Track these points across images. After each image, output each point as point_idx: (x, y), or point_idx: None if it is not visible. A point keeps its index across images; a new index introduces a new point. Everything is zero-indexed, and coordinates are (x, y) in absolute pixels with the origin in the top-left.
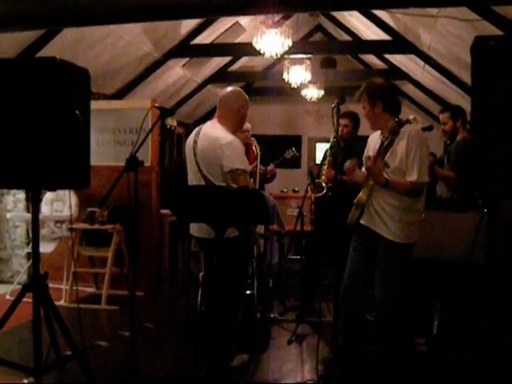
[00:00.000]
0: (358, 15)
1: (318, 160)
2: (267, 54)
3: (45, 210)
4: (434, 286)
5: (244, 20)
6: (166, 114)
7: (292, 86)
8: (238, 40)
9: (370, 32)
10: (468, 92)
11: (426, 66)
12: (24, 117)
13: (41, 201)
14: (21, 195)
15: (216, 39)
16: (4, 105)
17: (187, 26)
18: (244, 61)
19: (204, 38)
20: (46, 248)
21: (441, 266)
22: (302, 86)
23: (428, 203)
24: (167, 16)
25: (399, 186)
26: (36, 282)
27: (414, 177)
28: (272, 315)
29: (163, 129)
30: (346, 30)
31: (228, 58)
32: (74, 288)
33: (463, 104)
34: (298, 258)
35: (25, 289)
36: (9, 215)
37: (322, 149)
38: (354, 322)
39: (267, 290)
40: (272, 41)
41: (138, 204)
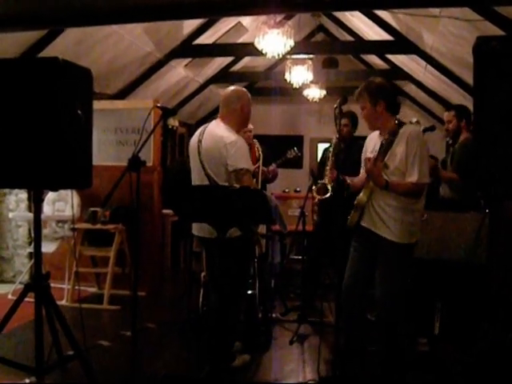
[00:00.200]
0: (360, 15)
1: None
2: (269, 54)
3: (47, 209)
4: (435, 285)
5: (246, 20)
6: (169, 114)
7: (294, 86)
8: (240, 40)
9: (371, 32)
10: (470, 92)
11: (428, 66)
12: (26, 117)
13: (43, 200)
14: (23, 195)
15: (218, 39)
16: (7, 105)
17: (189, 26)
18: (246, 61)
19: (206, 39)
20: (48, 248)
21: (442, 266)
22: (303, 86)
23: (430, 204)
24: (169, 16)
25: (399, 188)
26: (38, 282)
27: (414, 178)
28: (274, 315)
29: (165, 129)
30: (348, 31)
31: (230, 59)
32: (76, 288)
33: (465, 104)
34: (300, 258)
35: (27, 288)
36: (11, 215)
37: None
38: (354, 322)
39: (269, 290)
40: (274, 41)
41: (140, 204)
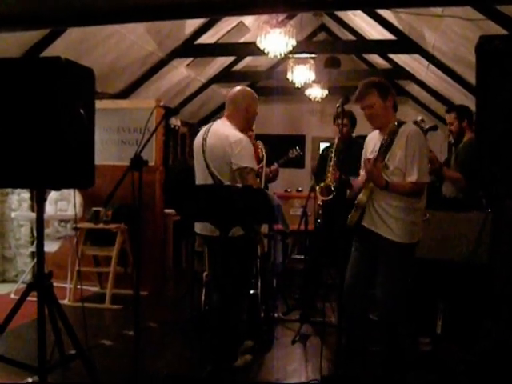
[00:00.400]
0: (362, 15)
1: None
2: (271, 54)
3: (49, 209)
4: (438, 285)
5: (248, 20)
6: (171, 113)
7: (296, 85)
8: (242, 40)
9: (374, 32)
10: (472, 92)
11: (431, 65)
12: (29, 116)
13: (45, 200)
14: (25, 194)
15: (220, 39)
16: (9, 104)
17: (191, 25)
18: (248, 60)
19: (208, 38)
20: (50, 247)
21: (445, 266)
22: (305, 86)
23: (432, 203)
24: (170, 16)
25: (399, 188)
26: (40, 281)
27: (414, 177)
28: (276, 315)
29: (167, 128)
30: (350, 30)
31: (232, 58)
32: (79, 287)
33: (467, 104)
34: (302, 257)
35: (29, 288)
36: (13, 214)
37: None
38: (356, 321)
39: (271, 289)
40: (276, 40)
41: (142, 203)
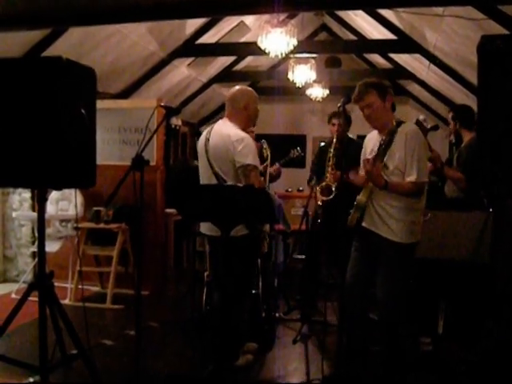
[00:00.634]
0: (363, 14)
1: None
2: (272, 54)
3: (50, 209)
4: (439, 285)
5: (249, 19)
6: (172, 113)
7: (297, 85)
8: (243, 39)
9: (375, 31)
10: (473, 91)
11: (432, 65)
12: (30, 116)
13: (46, 200)
14: (26, 194)
15: (221, 39)
16: (10, 104)
17: (192, 25)
18: (249, 60)
19: (209, 38)
20: (51, 247)
21: (446, 265)
22: (306, 86)
23: (434, 203)
24: (172, 15)
25: (399, 188)
26: (42, 281)
27: (413, 177)
28: (277, 314)
29: (168, 128)
30: (351, 30)
31: (233, 58)
32: (80, 287)
33: (468, 103)
34: (303, 257)
35: (30, 287)
36: (14, 214)
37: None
38: (356, 321)
39: (272, 289)
40: (277, 40)
41: (143, 203)
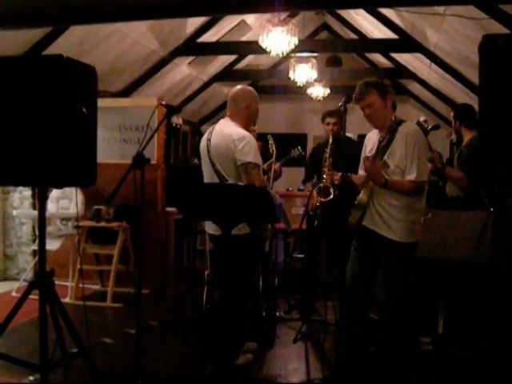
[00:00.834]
0: (364, 13)
1: None
2: (273, 53)
3: (51, 207)
4: (439, 284)
5: (250, 18)
6: (173, 111)
7: (298, 84)
8: (244, 38)
9: (376, 30)
10: (474, 91)
11: (433, 64)
12: (31, 114)
13: (47, 198)
14: (27, 192)
15: (222, 37)
16: (11, 102)
17: (193, 24)
18: (250, 59)
19: (210, 37)
20: (52, 245)
21: (446, 265)
22: (307, 85)
23: (436, 203)
24: (173, 14)
25: (399, 186)
26: (42, 279)
27: (413, 176)
28: (277, 314)
29: (169, 127)
30: (352, 29)
31: (234, 57)
32: (80, 285)
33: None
34: (304, 256)
35: (31, 286)
36: (15, 212)
37: None
38: (356, 321)
39: (272, 288)
40: (278, 39)
41: (144, 202)
